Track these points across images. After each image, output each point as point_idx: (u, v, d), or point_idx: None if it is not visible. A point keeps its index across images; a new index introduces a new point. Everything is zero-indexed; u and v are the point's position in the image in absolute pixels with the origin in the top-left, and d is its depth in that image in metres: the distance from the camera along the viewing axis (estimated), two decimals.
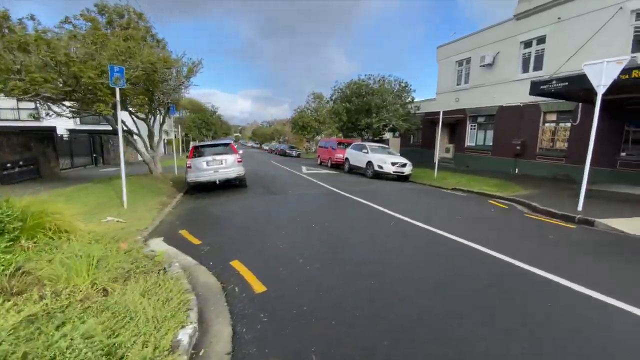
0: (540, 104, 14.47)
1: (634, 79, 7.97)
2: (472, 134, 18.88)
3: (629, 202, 8.21)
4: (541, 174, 14.47)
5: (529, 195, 9.21)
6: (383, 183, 12.40)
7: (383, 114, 18.08)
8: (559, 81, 9.85)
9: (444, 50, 20.70)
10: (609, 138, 11.98)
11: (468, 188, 11.02)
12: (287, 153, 33.68)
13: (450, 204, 8.39)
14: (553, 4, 13.72)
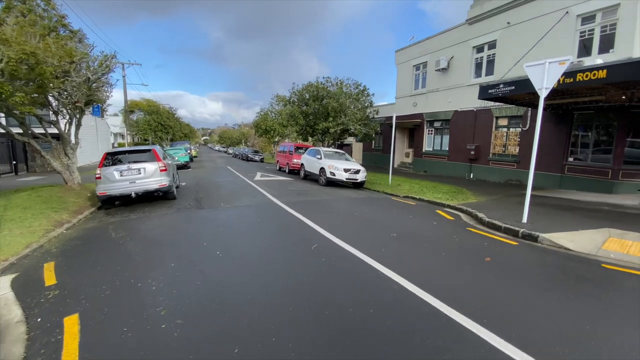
0: (492, 109, 14.45)
1: (579, 82, 7.75)
2: (429, 139, 18.72)
3: (574, 210, 7.96)
4: (495, 179, 14.42)
5: (477, 204, 8.78)
6: (333, 191, 11.60)
7: (341, 117, 17.41)
8: (506, 85, 9.58)
9: (402, 54, 20.52)
10: (557, 143, 12.02)
11: (420, 196, 10.51)
12: (250, 158, 32.29)
13: (393, 217, 7.70)
14: (503, 8, 13.74)
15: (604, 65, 7.27)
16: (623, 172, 10.30)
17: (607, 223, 6.53)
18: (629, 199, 9.47)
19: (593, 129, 11.17)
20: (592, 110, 10.98)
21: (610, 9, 10.34)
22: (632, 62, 6.79)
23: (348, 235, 5.67)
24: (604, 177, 10.60)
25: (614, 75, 7.08)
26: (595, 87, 8.43)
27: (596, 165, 10.89)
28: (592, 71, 7.42)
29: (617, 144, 10.33)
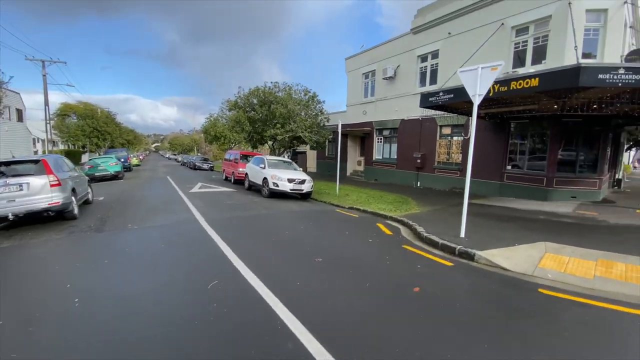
0: (436, 118, 14.51)
1: (513, 90, 7.64)
2: (379, 147, 18.55)
3: (512, 221, 7.78)
4: (440, 187, 14.41)
5: (419, 216, 8.33)
6: (274, 204, 10.61)
7: (290, 124, 16.55)
8: (445, 93, 9.38)
9: (351, 62, 20.32)
10: (496, 151, 12.21)
11: (364, 207, 9.93)
12: (198, 166, 30.13)
13: (328, 234, 6.91)
14: (444, 19, 13.93)
15: (536, 73, 7.22)
16: (557, 179, 10.60)
17: (543, 235, 6.29)
18: (562, 206, 9.67)
19: (529, 138, 11.47)
20: (527, 120, 11.27)
21: (542, 21, 10.72)
22: (562, 70, 6.76)
23: (264, 264, 4.71)
24: (539, 184, 10.85)
25: (545, 83, 7.02)
26: (528, 96, 8.47)
27: (532, 173, 11.14)
28: (525, 79, 7.34)
29: (550, 152, 10.63)
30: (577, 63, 6.55)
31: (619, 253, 5.13)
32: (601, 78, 6.38)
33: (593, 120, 10.35)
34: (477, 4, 12.49)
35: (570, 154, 10.73)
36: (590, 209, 9.20)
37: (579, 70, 6.44)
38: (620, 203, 10.29)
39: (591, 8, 9.81)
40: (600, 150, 10.54)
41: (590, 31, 10.05)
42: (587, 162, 10.65)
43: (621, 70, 6.30)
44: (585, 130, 10.64)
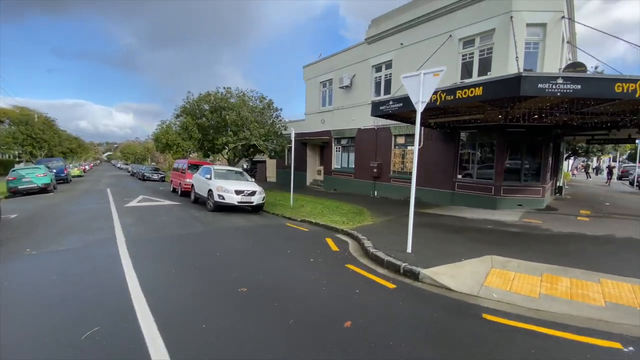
0: (391, 127, 14.46)
1: (459, 99, 7.52)
2: (337, 157, 18.23)
3: (461, 232, 7.56)
4: (396, 196, 14.27)
5: (371, 228, 7.89)
6: (218, 220, 9.66)
7: (243, 132, 15.66)
8: (394, 102, 9.16)
9: (309, 70, 20.00)
10: (447, 161, 12.27)
11: (317, 219, 9.35)
12: (147, 177, 27.95)
13: (267, 254, 6.19)
14: (396, 30, 14.02)
15: (480, 82, 7.15)
16: (504, 188, 10.78)
17: (491, 248, 6.06)
18: (510, 214, 9.76)
19: (477, 147, 11.65)
20: (475, 129, 11.45)
21: (486, 34, 11.00)
22: (504, 79, 6.72)
23: (171, 301, 3.88)
24: (488, 193, 10.97)
25: (488, 92, 6.94)
26: (474, 106, 8.45)
27: (481, 182, 11.27)
28: (470, 88, 7.23)
29: (497, 161, 10.81)
30: (518, 72, 6.55)
31: (563, 266, 4.95)
32: (541, 87, 6.39)
33: (535, 130, 10.71)
34: (426, 15, 12.68)
35: (515, 163, 11.01)
36: (535, 217, 9.35)
37: (520, 79, 6.40)
38: (562, 210, 10.66)
39: (531, 22, 10.22)
40: (542, 159, 10.92)
41: (531, 45, 10.46)
42: (531, 171, 10.98)
43: (559, 80, 6.35)
44: (529, 140, 10.99)
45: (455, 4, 11.70)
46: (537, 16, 10.15)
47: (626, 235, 7.04)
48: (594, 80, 6.38)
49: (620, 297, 3.94)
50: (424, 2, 12.90)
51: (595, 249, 6.02)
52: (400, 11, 13.96)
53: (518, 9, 10.15)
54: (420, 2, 13.08)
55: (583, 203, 12.49)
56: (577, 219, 9.20)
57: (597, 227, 8.05)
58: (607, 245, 6.25)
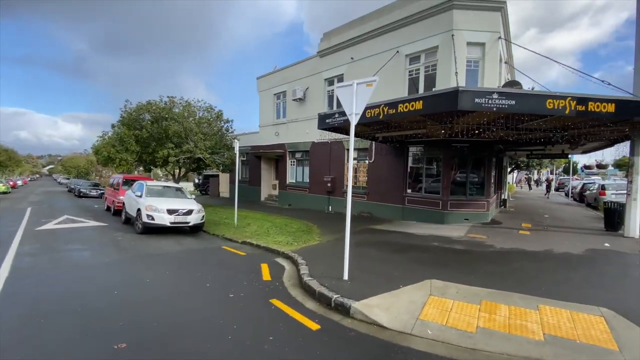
0: (343, 141, 14.16)
1: (400, 113, 7.26)
2: (292, 171, 17.60)
3: (405, 251, 7.16)
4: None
5: (314, 250, 7.26)
6: (143, 243, 8.47)
7: (187, 144, 14.48)
8: (340, 115, 8.77)
9: (263, 81, 19.40)
10: (398, 175, 12.13)
11: (260, 241, 8.57)
12: (84, 193, 25.18)
13: (182, 287, 5.29)
14: (347, 44, 13.95)
15: (420, 96, 6.96)
16: (451, 202, 10.76)
17: (432, 270, 5.68)
18: (456, 229, 9.66)
19: (425, 162, 11.64)
20: (423, 144, 11.46)
21: (431, 51, 11.17)
22: (443, 93, 6.56)
23: None
24: (436, 207, 10.89)
25: (428, 106, 6.75)
26: (416, 120, 8.30)
27: (430, 196, 11.20)
28: (411, 102, 7.02)
29: (444, 176, 10.81)
30: (456, 87, 6.43)
31: (503, 290, 4.63)
32: (478, 102, 6.29)
33: (478, 145, 10.92)
34: (375, 31, 12.73)
35: (461, 177, 11.10)
36: (480, 231, 9.33)
37: (458, 94, 6.26)
38: (505, 223, 10.84)
39: (471, 41, 10.53)
40: (486, 173, 11.13)
41: (472, 63, 10.76)
42: (476, 185, 11.13)
43: (495, 95, 6.30)
44: (473, 155, 11.18)
45: (401, 21, 11.84)
46: (476, 35, 10.49)
47: (563, 250, 7.07)
48: (527, 97, 6.42)
49: (559, 327, 3.61)
50: (373, 17, 12.99)
51: (535, 267, 5.87)
52: (351, 26, 13.95)
53: (459, 27, 10.42)
54: (369, 17, 13.16)
55: (525, 216, 12.94)
56: (519, 232, 9.31)
57: (537, 241, 8.11)
58: (546, 263, 6.15)
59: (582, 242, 8.07)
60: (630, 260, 6.45)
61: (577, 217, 13.10)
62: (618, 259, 6.56)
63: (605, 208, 9.77)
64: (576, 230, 9.90)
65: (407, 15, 11.66)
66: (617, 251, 7.09)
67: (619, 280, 5.11)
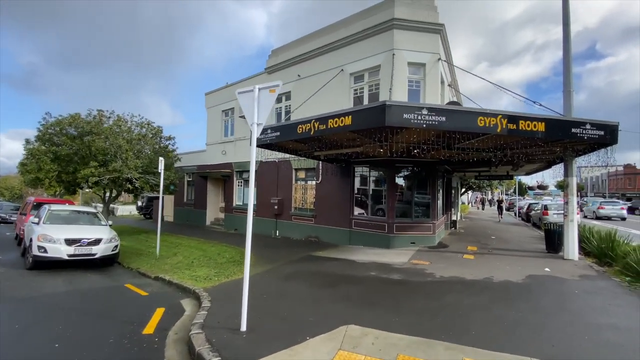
0: (291, 161, 13.38)
1: (331, 129, 6.59)
2: (239, 192, 16.40)
3: (336, 283, 6.28)
4: (297, 235, 12.88)
5: (234, 286, 6.17)
6: (24, 283, 6.86)
7: (117, 162, 12.86)
8: (273, 130, 7.99)
9: (211, 97, 18.39)
10: (345, 197, 11.44)
11: (174, 276, 7.33)
12: (2, 218, 21.89)
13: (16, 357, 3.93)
14: (294, 61, 13.50)
15: (349, 111, 6.36)
16: (397, 225, 10.19)
17: (356, 310, 4.82)
18: (401, 254, 9.02)
19: (370, 183, 11.11)
20: (368, 164, 10.96)
21: (373, 70, 10.93)
22: (370, 108, 6.02)
23: None
24: (382, 231, 10.26)
25: (357, 121, 6.16)
26: (353, 138, 7.72)
27: (376, 219, 10.58)
28: (341, 117, 6.40)
29: (388, 197, 10.28)
30: (383, 101, 5.93)
31: (427, 338, 3.84)
32: (406, 118, 5.79)
33: (423, 165, 10.61)
34: (321, 49, 12.41)
35: (407, 199, 10.65)
36: (425, 256, 8.75)
37: (385, 108, 5.73)
38: (452, 247, 10.43)
39: (412, 61, 10.42)
40: (432, 194, 10.76)
41: (414, 83, 10.62)
42: (422, 206, 10.71)
43: (424, 110, 5.84)
44: (418, 175, 10.84)
45: (345, 39, 11.61)
46: (416, 56, 10.41)
47: (503, 279, 6.58)
48: (457, 113, 6.04)
49: None
50: (319, 35, 12.71)
51: (470, 302, 5.21)
52: (298, 43, 13.58)
53: (399, 47, 10.30)
54: (316, 35, 12.87)
55: (472, 238, 12.74)
56: (464, 257, 8.84)
57: (479, 267, 7.63)
58: (482, 296, 5.55)
59: (524, 266, 7.71)
60: (569, 288, 6.06)
61: (522, 238, 13.14)
62: (557, 286, 6.15)
63: (546, 229, 9.70)
64: (519, 252, 9.67)
65: (351, 34, 11.46)
66: (557, 277, 6.73)
67: (557, 318, 4.56)
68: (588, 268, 7.66)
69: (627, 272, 6.78)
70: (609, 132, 6.79)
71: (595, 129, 6.71)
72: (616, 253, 8.07)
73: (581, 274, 7.04)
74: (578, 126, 6.59)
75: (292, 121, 7.45)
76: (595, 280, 6.55)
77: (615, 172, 58.47)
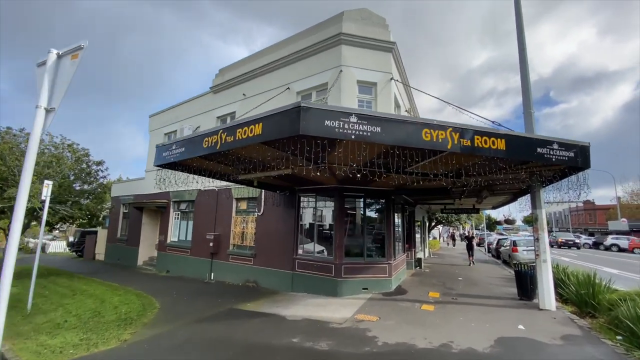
0: (232, 189, 11.60)
1: (239, 140, 5.00)
2: (175, 226, 14.15)
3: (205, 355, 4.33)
4: (234, 279, 10.73)
5: None
6: None
7: (12, 189, 10.47)
8: (178, 145, 6.31)
9: (155, 120, 16.60)
10: (289, 233, 9.65)
11: (14, 346, 4.99)
12: None
13: None
14: (240, 80, 12.22)
15: (260, 117, 4.83)
16: (346, 267, 8.43)
17: None
18: (346, 306, 7.19)
19: (317, 215, 9.44)
20: (314, 193, 9.38)
21: (321, 88, 9.79)
22: (283, 111, 4.51)
23: None
24: (328, 274, 8.45)
25: (269, 130, 4.63)
26: (279, 156, 6.15)
27: (321, 259, 8.79)
28: (250, 125, 4.86)
29: (336, 233, 8.61)
30: (297, 102, 4.51)
31: None
32: (330, 126, 4.33)
33: (377, 194, 9.18)
34: (267, 66, 11.25)
35: (358, 234, 9.01)
36: (375, 309, 6.96)
37: (300, 112, 4.25)
38: (411, 293, 8.73)
39: (362, 79, 9.38)
40: (388, 229, 9.22)
41: (364, 102, 9.49)
42: (376, 244, 9.10)
43: (353, 117, 4.43)
44: (371, 207, 9.37)
45: (292, 56, 10.54)
46: (366, 74, 9.40)
47: (465, 346, 4.89)
48: (396, 123, 4.66)
49: None
50: (267, 53, 11.63)
51: None
52: (246, 61, 12.42)
53: (347, 64, 9.28)
54: (264, 52, 11.79)
55: (437, 279, 11.13)
56: (422, 308, 7.13)
57: (438, 325, 5.92)
58: None
59: (493, 322, 6.10)
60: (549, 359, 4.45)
61: (491, 279, 11.70)
62: (536, 358, 4.53)
63: (516, 271, 8.29)
64: (488, 300, 8.11)
65: (298, 50, 10.41)
66: (534, 341, 5.13)
67: None
68: (569, 322, 6.16)
69: (618, 330, 5.33)
70: (580, 154, 5.67)
71: (564, 150, 5.57)
72: (599, 301, 6.70)
73: (563, 333, 5.50)
74: (544, 145, 5.42)
75: (198, 133, 5.82)
76: (583, 344, 5.00)
77: (576, 208, 60.68)
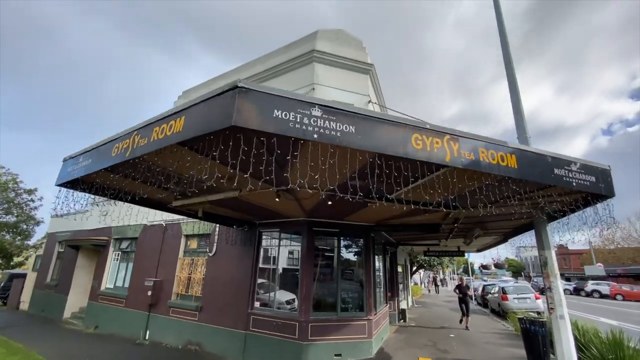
0: (181, 223, 9.73)
1: (154, 142, 3.49)
2: (113, 269, 11.75)
3: None
4: (173, 340, 8.41)
5: None
6: None
7: None
8: (86, 157, 4.68)
9: None
10: (245, 279, 7.77)
11: None
12: None
13: None
14: None
15: (185, 106, 3.39)
16: (314, 326, 6.56)
17: None
18: None
19: (279, 256, 7.69)
20: (278, 228, 7.73)
21: None
22: (214, 96, 3.12)
23: None
24: (291, 335, 6.51)
25: (193, 123, 3.18)
26: (225, 173, 4.61)
27: (283, 315, 6.88)
28: (170, 120, 3.41)
29: (303, 279, 6.86)
30: (234, 81, 3.17)
31: None
32: (281, 118, 2.97)
33: (354, 230, 7.66)
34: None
35: (330, 281, 7.28)
36: None
37: (235, 96, 2.88)
38: (396, 358, 6.87)
39: (337, 100, 8.32)
40: (367, 274, 7.57)
41: None
42: (352, 293, 7.36)
43: (316, 110, 3.10)
44: (346, 247, 7.79)
45: (263, 74, 9.53)
46: (342, 95, 8.40)
47: None
48: (374, 122, 3.34)
49: None
50: (236, 72, 10.63)
51: None
52: (215, 81, 11.32)
53: (321, 82, 8.30)
54: (234, 72, 10.80)
55: (426, 337, 9.28)
56: None
57: None
58: None
59: None
60: None
61: (487, 335, 9.98)
62: None
63: (523, 329, 6.72)
64: None
65: (270, 67, 9.44)
66: None
67: None
68: None
69: None
70: (602, 179, 4.54)
71: (584, 173, 4.44)
72: None
73: None
74: (562, 166, 4.26)
75: (109, 138, 4.26)
76: None
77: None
